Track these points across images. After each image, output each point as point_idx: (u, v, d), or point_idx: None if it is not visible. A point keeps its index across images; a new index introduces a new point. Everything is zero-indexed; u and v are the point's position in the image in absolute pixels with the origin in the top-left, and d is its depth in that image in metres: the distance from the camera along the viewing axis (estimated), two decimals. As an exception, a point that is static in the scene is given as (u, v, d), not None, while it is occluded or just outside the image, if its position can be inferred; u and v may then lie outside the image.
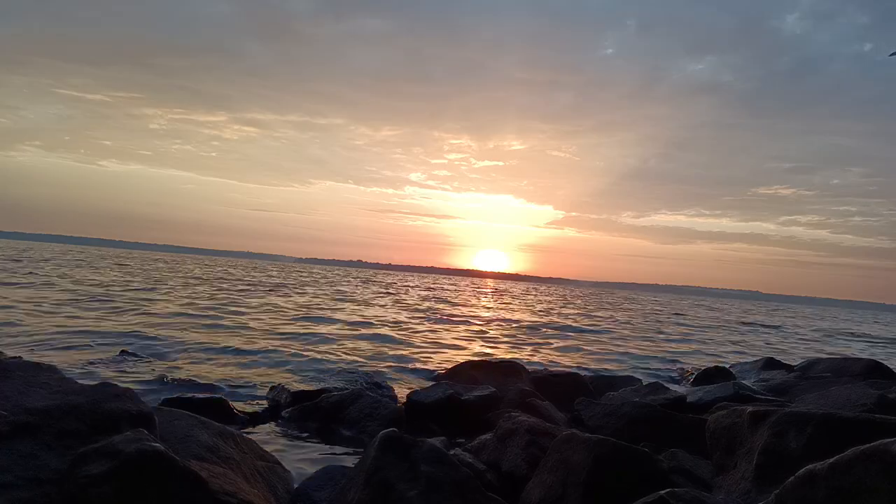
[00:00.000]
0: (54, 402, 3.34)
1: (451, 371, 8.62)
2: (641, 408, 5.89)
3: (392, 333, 15.11)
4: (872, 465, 2.38)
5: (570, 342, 16.64)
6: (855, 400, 5.82)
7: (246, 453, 3.98)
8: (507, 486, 4.24)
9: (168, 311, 16.12)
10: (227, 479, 3.35)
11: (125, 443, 2.95)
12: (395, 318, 19.68)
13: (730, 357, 15.50)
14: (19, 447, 3.01)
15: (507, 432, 4.71)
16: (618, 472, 3.53)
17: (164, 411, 4.10)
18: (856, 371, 9.08)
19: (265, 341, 12.19)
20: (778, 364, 10.79)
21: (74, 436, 3.21)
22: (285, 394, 6.97)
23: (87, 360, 8.64)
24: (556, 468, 3.74)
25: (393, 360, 10.99)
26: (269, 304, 21.60)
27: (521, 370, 8.27)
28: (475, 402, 6.55)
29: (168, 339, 11.29)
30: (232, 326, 14.17)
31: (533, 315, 27.45)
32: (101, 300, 17.46)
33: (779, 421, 3.64)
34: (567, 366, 12.12)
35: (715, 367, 10.42)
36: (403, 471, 3.39)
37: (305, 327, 15.17)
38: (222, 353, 10.44)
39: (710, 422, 4.20)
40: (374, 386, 7.69)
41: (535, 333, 18.62)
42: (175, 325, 13.47)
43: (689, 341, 19.60)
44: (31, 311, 13.57)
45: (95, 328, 12.03)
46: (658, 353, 15.63)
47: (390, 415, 6.18)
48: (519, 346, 15.26)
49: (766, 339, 24.08)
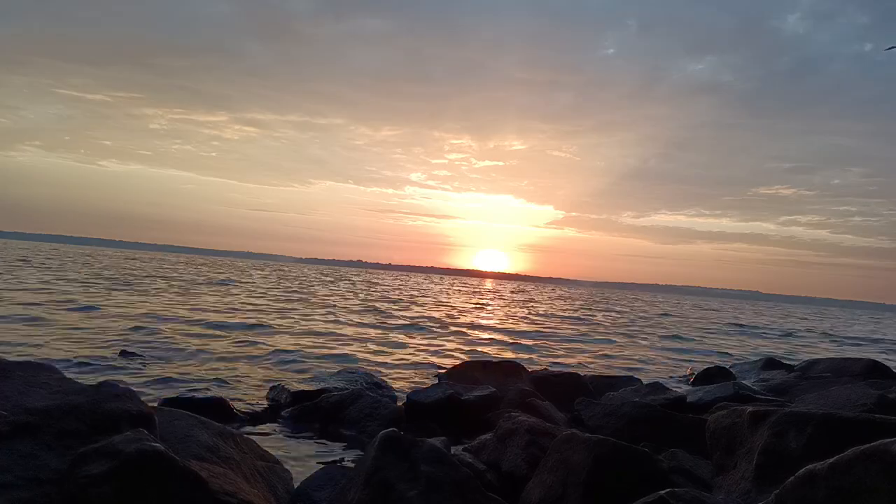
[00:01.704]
0: (54, 402, 3.34)
1: (451, 371, 8.62)
2: (641, 408, 5.89)
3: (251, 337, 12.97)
4: (872, 465, 2.38)
5: (468, 345, 14.71)
6: (855, 400, 5.83)
7: (246, 453, 3.98)
8: (507, 486, 4.24)
9: (168, 311, 16.14)
10: (227, 479, 3.35)
11: (125, 443, 2.95)
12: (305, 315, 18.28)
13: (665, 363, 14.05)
14: (19, 447, 3.01)
15: (507, 432, 4.71)
16: (618, 472, 3.53)
17: (164, 411, 4.10)
18: (856, 371, 9.08)
19: (273, 341, 12.20)
20: (778, 364, 10.80)
21: (74, 436, 3.21)
22: (285, 394, 6.97)
23: (88, 360, 8.64)
24: (556, 468, 3.74)
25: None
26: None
27: (521, 370, 8.27)
28: (475, 402, 6.55)
29: (168, 339, 11.30)
30: (232, 325, 14.20)
31: (478, 315, 25.29)
32: (100, 300, 17.48)
33: (779, 421, 3.64)
34: (567, 366, 12.14)
35: (715, 367, 10.43)
36: (403, 471, 3.38)
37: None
38: (222, 352, 10.45)
39: (710, 422, 4.20)
40: (374, 386, 7.69)
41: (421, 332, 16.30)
42: (175, 325, 13.48)
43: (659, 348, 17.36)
44: (32, 312, 13.58)
45: (95, 328, 12.04)
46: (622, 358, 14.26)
47: (390, 415, 6.18)
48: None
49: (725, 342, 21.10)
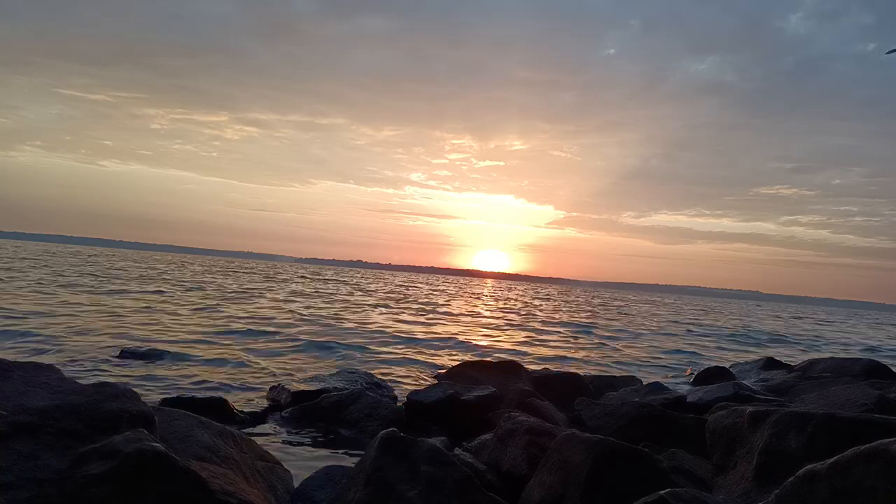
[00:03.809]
0: (54, 402, 3.33)
1: (451, 371, 8.62)
2: (641, 408, 5.88)
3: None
4: (872, 465, 2.38)
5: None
6: (855, 400, 5.82)
7: (246, 453, 3.98)
8: (508, 486, 4.24)
9: (169, 311, 16.14)
10: (227, 479, 3.35)
11: (125, 443, 2.94)
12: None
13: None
14: (19, 447, 3.01)
15: (508, 432, 4.70)
16: (618, 472, 3.52)
17: (164, 411, 4.09)
18: (856, 371, 9.07)
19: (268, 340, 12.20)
20: (778, 364, 10.79)
21: (74, 436, 3.21)
22: (285, 394, 6.96)
23: (87, 360, 8.64)
24: (557, 468, 3.73)
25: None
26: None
27: (522, 370, 8.27)
28: (475, 402, 6.55)
29: (168, 339, 11.30)
30: (231, 325, 14.19)
31: (478, 315, 24.56)
32: (98, 300, 17.48)
33: (779, 421, 3.64)
34: (567, 366, 12.14)
35: (715, 367, 10.42)
36: (403, 471, 3.38)
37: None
38: (222, 352, 10.45)
39: (710, 422, 4.20)
40: (374, 386, 7.69)
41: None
42: (175, 325, 13.48)
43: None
44: (33, 312, 13.58)
45: (95, 328, 12.04)
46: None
47: (390, 415, 6.18)
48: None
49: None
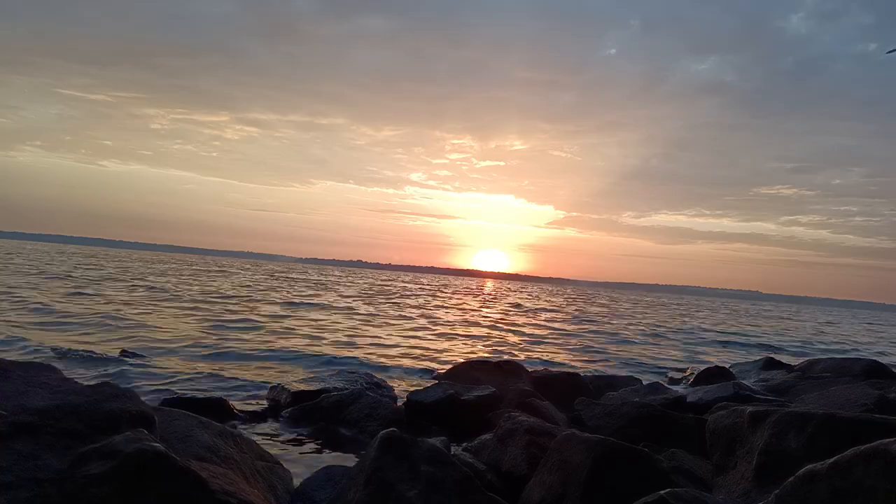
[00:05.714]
0: (54, 402, 3.33)
1: (451, 371, 8.62)
2: (641, 408, 5.88)
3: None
4: (872, 465, 2.38)
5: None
6: (855, 400, 5.82)
7: (246, 453, 3.98)
8: (508, 486, 4.24)
9: (169, 311, 16.14)
10: (227, 479, 3.35)
11: (125, 443, 2.95)
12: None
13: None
14: (19, 447, 3.01)
15: (508, 432, 4.71)
16: (618, 472, 3.52)
17: (164, 411, 4.09)
18: (856, 371, 9.07)
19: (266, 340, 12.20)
20: (778, 364, 10.79)
21: (74, 436, 3.21)
22: (285, 394, 6.96)
23: (88, 360, 8.64)
24: (557, 468, 3.73)
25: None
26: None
27: (522, 370, 8.27)
28: (475, 402, 6.55)
29: (168, 339, 11.30)
30: (231, 325, 14.19)
31: (477, 314, 24.33)
32: (98, 299, 17.47)
33: (779, 421, 3.64)
34: (567, 366, 12.13)
35: (715, 367, 10.41)
36: (403, 471, 3.38)
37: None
38: (222, 352, 10.45)
39: (710, 422, 4.20)
40: (374, 386, 7.68)
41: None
42: (175, 325, 13.48)
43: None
44: (34, 312, 13.58)
45: (95, 328, 12.04)
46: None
47: (390, 415, 6.17)
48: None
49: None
